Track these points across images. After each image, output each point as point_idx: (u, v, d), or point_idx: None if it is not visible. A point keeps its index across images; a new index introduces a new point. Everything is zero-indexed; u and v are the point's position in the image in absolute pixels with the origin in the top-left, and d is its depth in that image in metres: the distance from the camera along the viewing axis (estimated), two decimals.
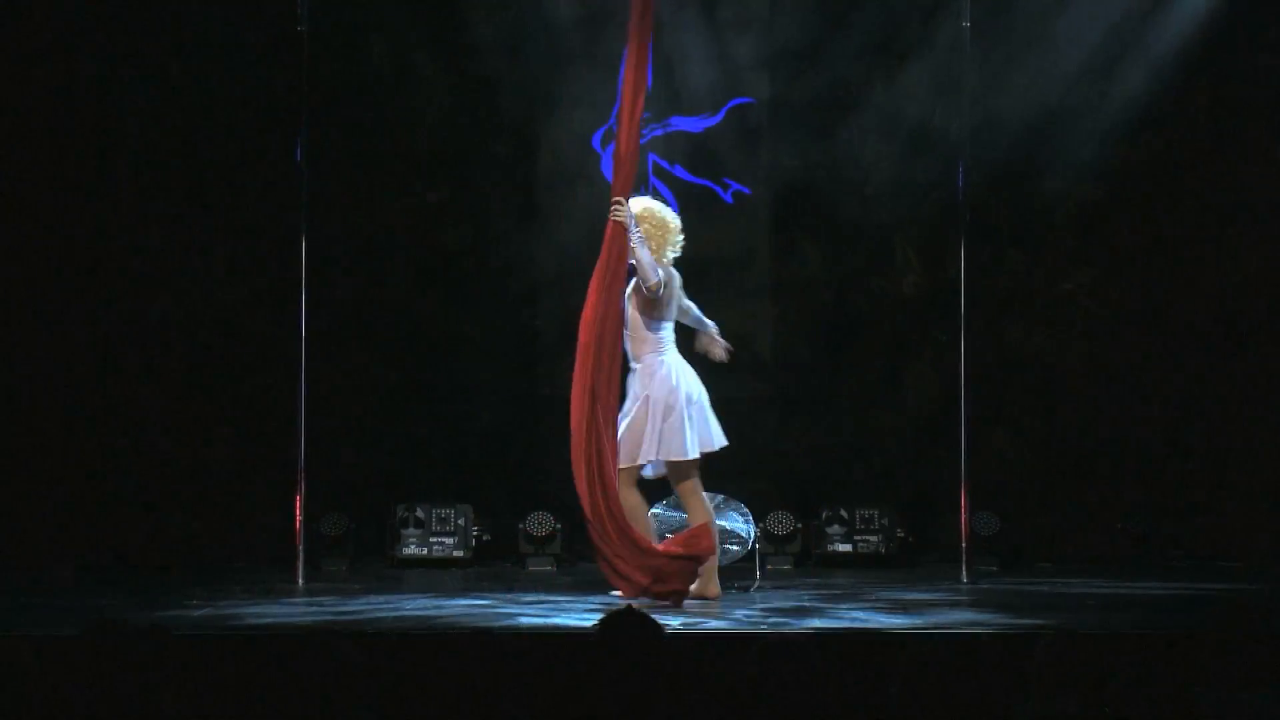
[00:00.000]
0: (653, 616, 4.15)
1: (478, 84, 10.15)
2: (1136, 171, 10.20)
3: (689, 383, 7.85)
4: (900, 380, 10.32)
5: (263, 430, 9.82)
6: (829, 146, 10.16)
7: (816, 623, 6.95)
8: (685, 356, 7.97)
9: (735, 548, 8.47)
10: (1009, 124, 9.93)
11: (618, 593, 7.68)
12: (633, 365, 7.89)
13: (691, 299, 8.15)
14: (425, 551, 9.59)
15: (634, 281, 7.84)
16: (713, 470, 8.62)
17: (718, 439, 7.90)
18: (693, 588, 7.59)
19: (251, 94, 9.89)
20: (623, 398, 7.82)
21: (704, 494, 7.89)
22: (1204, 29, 9.89)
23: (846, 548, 9.71)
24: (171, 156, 9.90)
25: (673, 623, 6.73)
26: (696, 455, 7.78)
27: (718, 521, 8.51)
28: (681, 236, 8.00)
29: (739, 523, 8.56)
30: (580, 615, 7.11)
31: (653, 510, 8.36)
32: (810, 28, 10.11)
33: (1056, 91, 10.04)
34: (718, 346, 8.21)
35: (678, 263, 8.01)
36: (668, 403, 7.76)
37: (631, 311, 7.86)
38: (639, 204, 7.97)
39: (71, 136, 9.75)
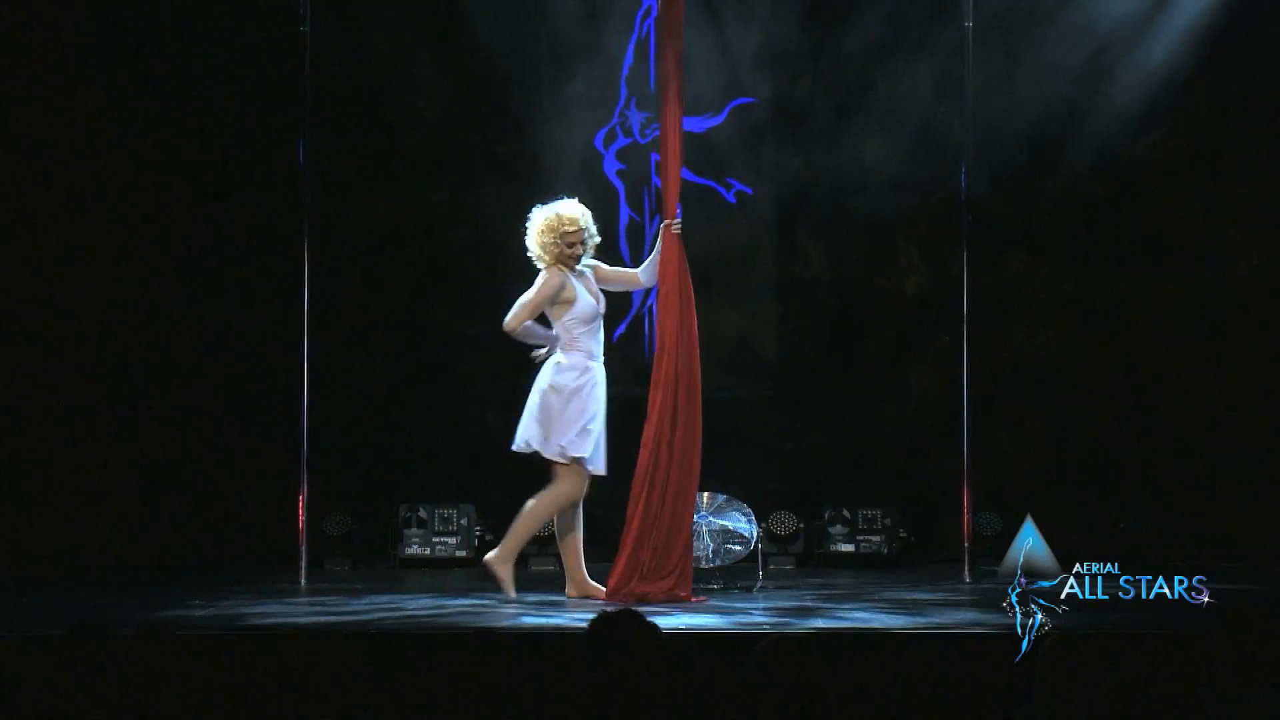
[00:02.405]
0: (648, 617, 4.15)
1: (479, 83, 10.14)
2: (1137, 171, 10.19)
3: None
4: (903, 380, 10.32)
5: (265, 430, 9.83)
6: (831, 146, 10.16)
7: (819, 623, 6.95)
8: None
9: (738, 547, 8.46)
10: (1011, 124, 9.93)
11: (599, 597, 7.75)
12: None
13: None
14: (428, 551, 9.60)
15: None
16: (716, 470, 8.63)
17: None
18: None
19: (253, 94, 9.89)
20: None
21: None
22: (1204, 28, 9.89)
23: (849, 548, 9.71)
24: (173, 156, 9.90)
25: (673, 622, 6.73)
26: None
27: (720, 521, 8.51)
28: (575, 218, 7.80)
29: (741, 522, 8.55)
30: (581, 616, 7.10)
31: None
32: (812, 27, 10.11)
33: (1058, 91, 10.04)
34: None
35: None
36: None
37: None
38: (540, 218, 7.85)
39: (73, 136, 9.75)
